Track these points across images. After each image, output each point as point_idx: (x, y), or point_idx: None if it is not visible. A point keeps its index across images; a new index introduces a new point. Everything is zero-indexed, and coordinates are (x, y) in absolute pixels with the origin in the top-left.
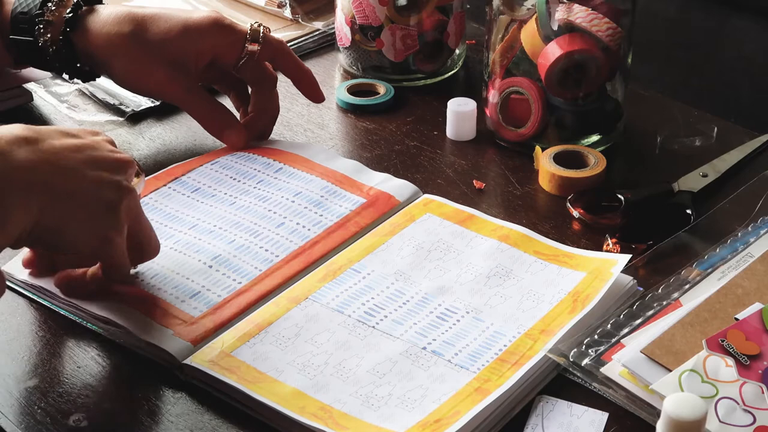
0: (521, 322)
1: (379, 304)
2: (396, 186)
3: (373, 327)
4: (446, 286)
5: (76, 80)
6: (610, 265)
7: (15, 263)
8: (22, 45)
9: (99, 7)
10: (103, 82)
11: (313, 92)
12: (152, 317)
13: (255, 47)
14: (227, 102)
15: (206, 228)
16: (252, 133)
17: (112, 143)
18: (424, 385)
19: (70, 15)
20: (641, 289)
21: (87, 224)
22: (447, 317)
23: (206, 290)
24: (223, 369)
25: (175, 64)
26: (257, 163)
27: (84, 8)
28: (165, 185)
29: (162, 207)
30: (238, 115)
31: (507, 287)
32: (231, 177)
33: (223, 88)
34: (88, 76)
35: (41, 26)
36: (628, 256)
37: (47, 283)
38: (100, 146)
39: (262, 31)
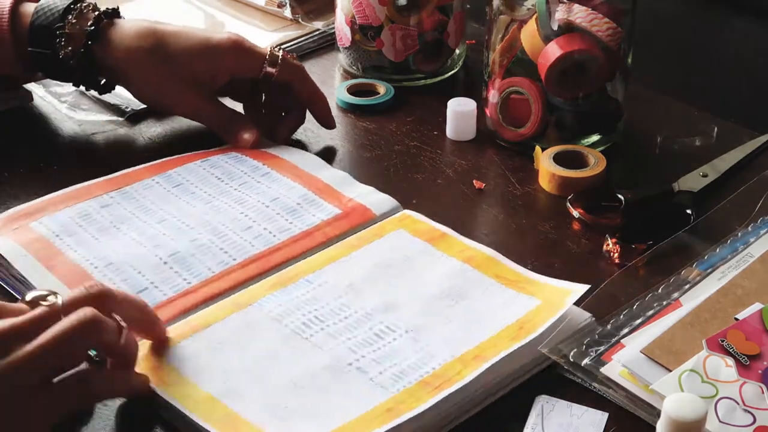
0: (458, 345)
1: (320, 317)
2: (376, 200)
3: (307, 339)
4: (395, 304)
5: (92, 91)
6: (565, 295)
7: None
8: (41, 57)
9: (120, 20)
10: None
11: (325, 118)
12: None
13: (273, 70)
14: (229, 103)
15: (174, 224)
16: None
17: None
18: (336, 402)
19: (92, 28)
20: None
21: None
22: (384, 335)
23: (154, 287)
24: (146, 369)
25: (193, 80)
26: (246, 166)
27: (105, 21)
28: (150, 178)
29: (140, 197)
30: None
31: (456, 309)
32: (216, 177)
33: (236, 97)
34: (104, 89)
35: (62, 39)
36: (586, 287)
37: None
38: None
39: (280, 55)
